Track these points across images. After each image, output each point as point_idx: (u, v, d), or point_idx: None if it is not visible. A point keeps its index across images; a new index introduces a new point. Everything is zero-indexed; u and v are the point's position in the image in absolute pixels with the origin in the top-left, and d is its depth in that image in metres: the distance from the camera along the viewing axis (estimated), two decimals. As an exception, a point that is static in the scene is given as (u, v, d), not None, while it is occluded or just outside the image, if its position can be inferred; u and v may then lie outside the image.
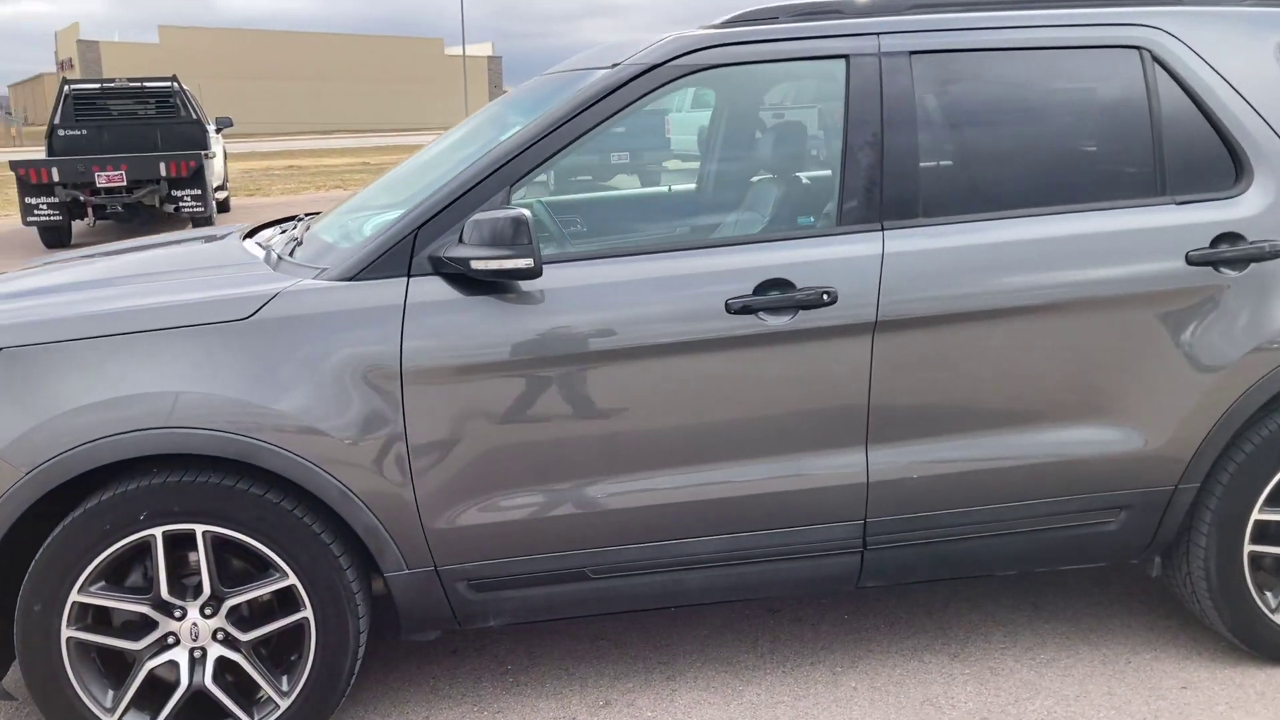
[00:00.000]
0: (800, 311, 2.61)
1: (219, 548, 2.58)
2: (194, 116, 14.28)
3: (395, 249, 2.59)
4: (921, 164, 2.74)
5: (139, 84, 14.28)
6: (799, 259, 2.65)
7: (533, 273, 2.48)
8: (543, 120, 2.68)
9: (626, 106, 2.69)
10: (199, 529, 2.53)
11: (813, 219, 2.91)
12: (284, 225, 3.51)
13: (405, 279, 2.57)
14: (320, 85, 67.25)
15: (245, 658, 2.62)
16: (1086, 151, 2.86)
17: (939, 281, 2.68)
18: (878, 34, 2.77)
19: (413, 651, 3.24)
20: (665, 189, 4.24)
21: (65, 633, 2.53)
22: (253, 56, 67.61)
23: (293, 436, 2.47)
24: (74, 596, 2.51)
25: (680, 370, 2.62)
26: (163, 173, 12.47)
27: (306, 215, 3.60)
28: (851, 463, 2.72)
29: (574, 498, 2.65)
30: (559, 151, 2.66)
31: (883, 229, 2.69)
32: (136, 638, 2.59)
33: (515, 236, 2.45)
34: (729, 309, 2.59)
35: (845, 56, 2.75)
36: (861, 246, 2.67)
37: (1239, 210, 2.80)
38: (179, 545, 2.57)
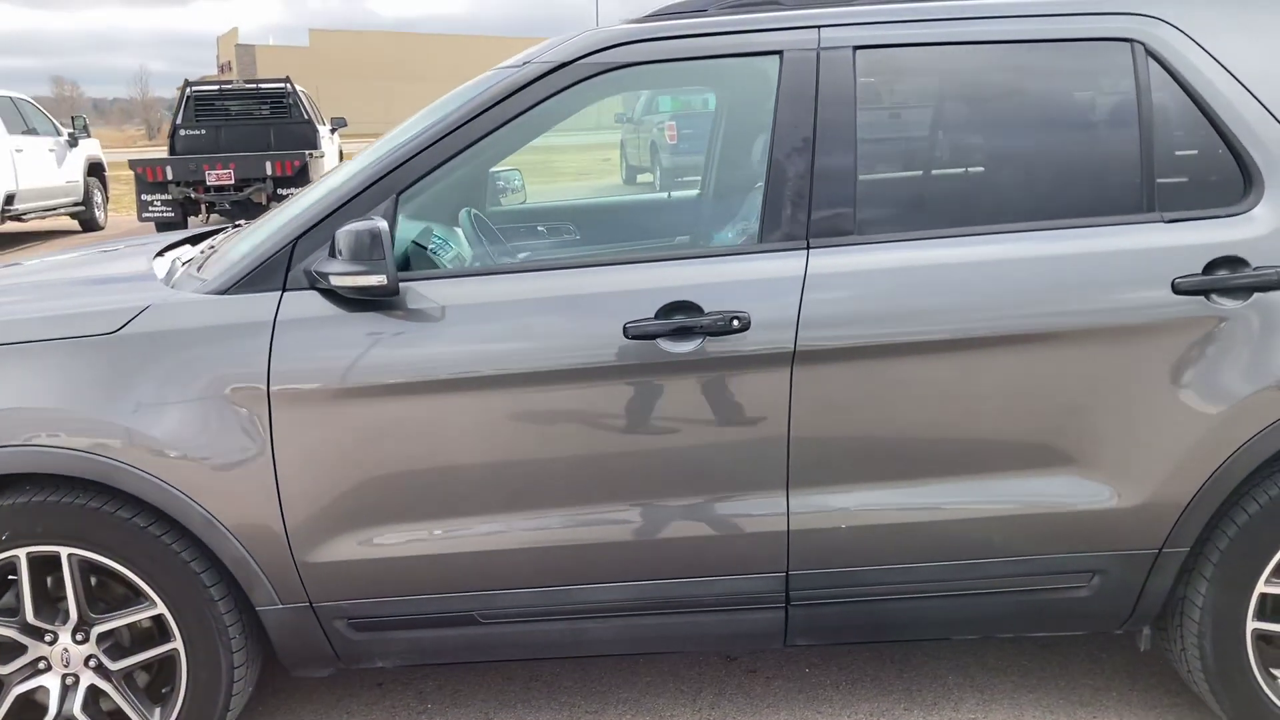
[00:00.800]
0: (707, 338, 2.33)
1: (92, 572, 2.46)
2: (305, 117, 14.63)
3: (271, 261, 2.42)
4: (863, 175, 2.42)
5: (255, 85, 14.73)
6: (708, 279, 2.37)
7: (386, 290, 2.27)
8: (439, 124, 2.47)
9: (529, 109, 2.46)
10: (64, 551, 2.41)
11: (731, 235, 2.62)
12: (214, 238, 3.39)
13: (279, 293, 2.40)
14: (465, 86, 68.47)
15: (115, 688, 2.50)
16: (1060, 162, 2.48)
17: (871, 308, 2.36)
18: (818, 26, 2.46)
19: (336, 683, 3.07)
20: (589, 201, 4.00)
21: None
22: (399, 58, 69.61)
23: (155, 459, 2.33)
24: (-60, 617, 2.43)
25: (573, 400, 2.37)
26: (269, 171, 12.79)
27: (237, 225, 3.47)
28: (769, 509, 2.42)
29: (457, 536, 2.43)
30: (454, 157, 2.45)
31: (808, 247, 2.39)
32: (5, 661, 2.49)
33: (371, 250, 2.25)
34: (626, 334, 2.32)
35: (779, 52, 2.45)
36: (781, 266, 2.37)
37: (1243, 230, 2.38)
38: (51, 568, 2.46)
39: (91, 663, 2.49)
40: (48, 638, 2.48)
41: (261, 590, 2.43)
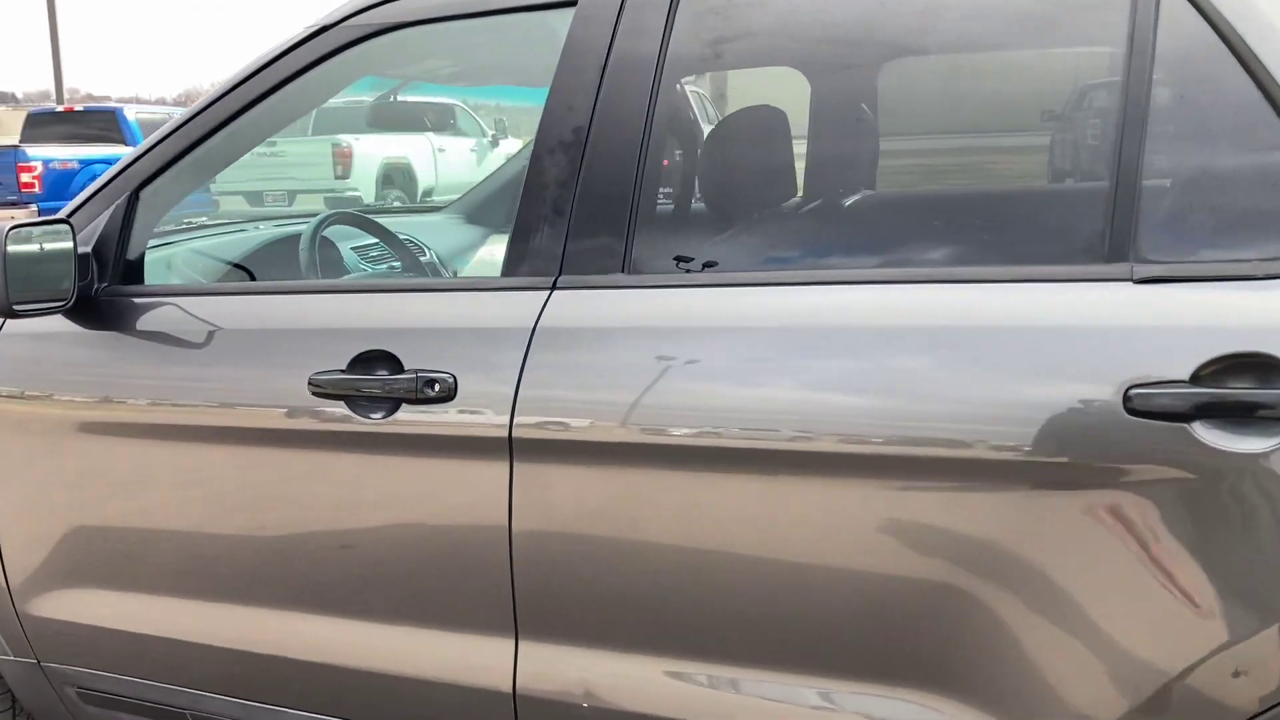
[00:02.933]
0: (403, 406, 1.66)
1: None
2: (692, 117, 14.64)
3: None
4: (651, 184, 1.61)
5: None
6: (414, 322, 1.69)
7: (4, 312, 1.84)
8: (194, 107, 2.01)
9: (276, 89, 1.91)
10: None
11: (430, 263, 1.88)
12: None
13: None
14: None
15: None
16: (980, 178, 1.49)
17: (632, 383, 1.54)
18: None
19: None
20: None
21: None
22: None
23: None
24: None
25: (261, 471, 1.81)
26: None
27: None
28: (492, 658, 1.69)
29: (158, 613, 1.97)
30: (195, 145, 1.97)
31: (554, 288, 1.62)
32: None
33: None
34: (311, 389, 1.71)
35: (573, 3, 1.69)
36: (506, 311, 1.63)
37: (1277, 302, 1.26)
38: None
39: None
40: None
41: (-11, 636, 2.13)
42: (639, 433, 1.51)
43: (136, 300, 1.95)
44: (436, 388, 1.61)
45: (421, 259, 2.68)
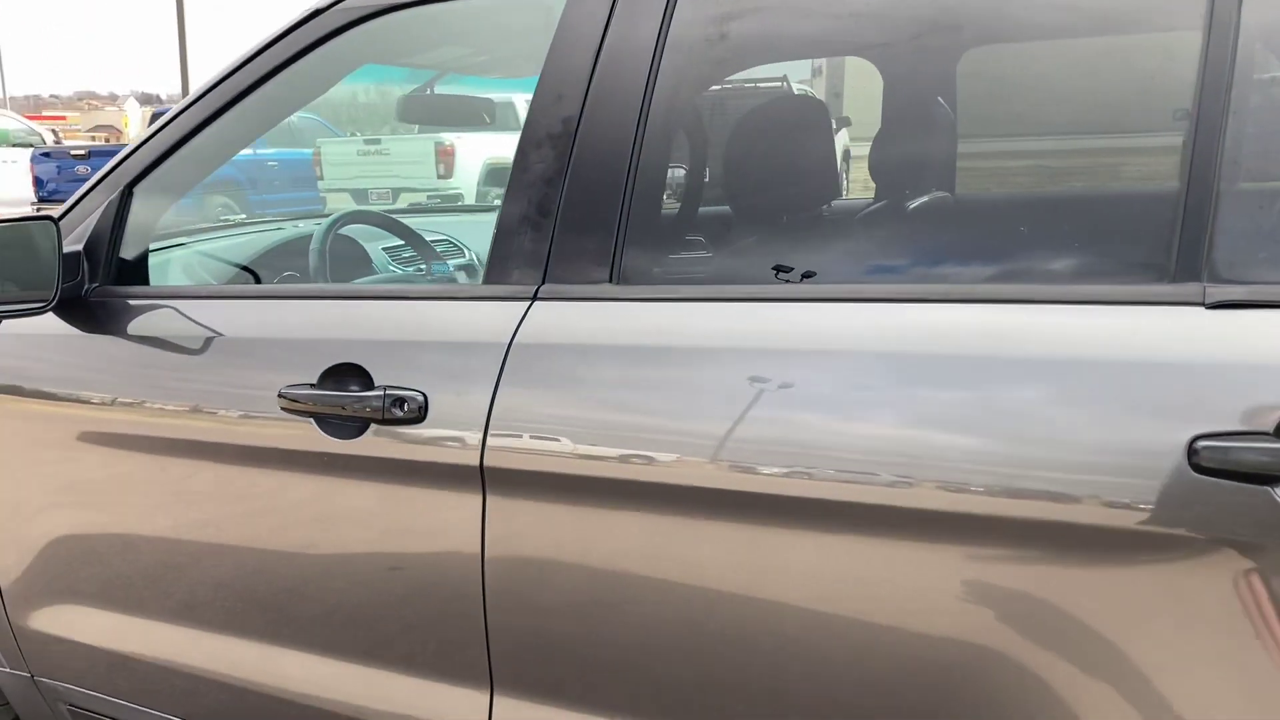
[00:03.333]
0: (373, 427, 1.50)
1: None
2: None
3: None
4: (650, 177, 1.41)
5: (753, 84, 14.72)
6: (386, 333, 1.53)
7: None
8: (188, 99, 1.89)
9: (270, 76, 1.77)
10: None
11: (466, 265, 1.69)
12: None
13: None
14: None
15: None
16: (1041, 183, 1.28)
17: (621, 402, 1.35)
18: None
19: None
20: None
21: None
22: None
23: None
24: None
25: (231, 488, 1.67)
26: None
27: None
28: (463, 710, 1.52)
29: (140, 634, 1.86)
30: (189, 137, 1.85)
31: (534, 298, 1.44)
32: None
33: None
34: (281, 403, 1.57)
35: None
36: (481, 324, 1.45)
37: None
38: None
39: None
40: None
41: (-14, 646, 2.05)
42: (619, 467, 1.32)
43: (128, 302, 1.84)
44: (405, 407, 1.45)
45: (458, 260, 2.53)
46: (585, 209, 1.40)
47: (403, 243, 2.41)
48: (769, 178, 1.70)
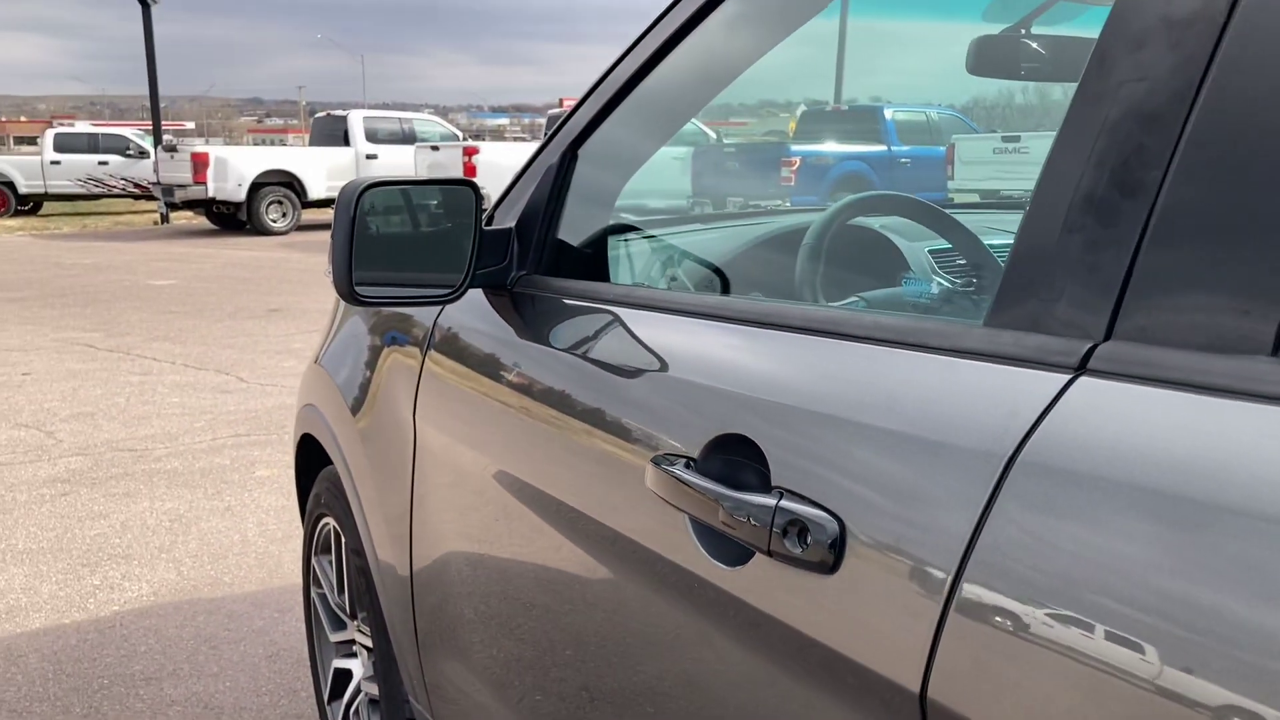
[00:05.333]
0: (756, 557, 0.87)
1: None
2: None
3: None
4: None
5: None
6: (795, 396, 0.87)
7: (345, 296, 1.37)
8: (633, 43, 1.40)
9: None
10: None
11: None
12: None
13: None
14: None
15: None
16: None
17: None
18: None
19: None
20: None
21: None
22: None
23: None
24: None
25: (589, 574, 1.17)
26: None
27: None
28: None
29: (511, 713, 1.46)
30: (623, 94, 1.35)
31: (1082, 367, 0.70)
32: None
33: None
34: (650, 481, 1.00)
35: None
36: (968, 399, 0.75)
37: None
38: None
39: None
40: None
41: None
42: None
43: (563, 301, 1.39)
44: (806, 540, 0.79)
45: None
46: (1199, 228, 0.63)
47: (951, 245, 1.71)
48: None
